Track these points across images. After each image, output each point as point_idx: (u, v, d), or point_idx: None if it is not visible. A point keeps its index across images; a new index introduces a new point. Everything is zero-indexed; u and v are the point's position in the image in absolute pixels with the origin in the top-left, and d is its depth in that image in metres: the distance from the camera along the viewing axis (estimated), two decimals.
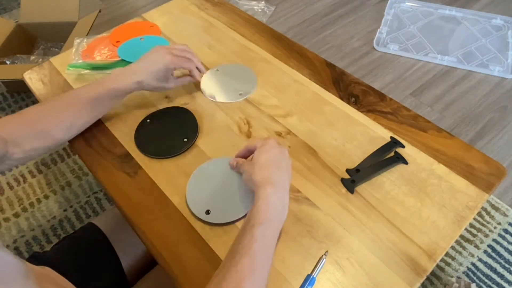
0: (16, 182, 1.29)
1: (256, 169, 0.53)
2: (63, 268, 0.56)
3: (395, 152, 0.63)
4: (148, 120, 0.70)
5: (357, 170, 0.61)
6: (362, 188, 0.59)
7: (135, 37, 0.86)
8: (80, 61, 0.80)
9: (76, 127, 0.65)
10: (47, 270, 0.55)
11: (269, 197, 0.49)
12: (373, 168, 0.61)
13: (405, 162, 0.62)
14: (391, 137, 0.65)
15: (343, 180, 0.60)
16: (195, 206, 0.57)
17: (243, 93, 0.74)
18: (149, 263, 0.72)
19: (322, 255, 0.52)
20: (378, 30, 1.79)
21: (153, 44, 0.84)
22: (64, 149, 1.38)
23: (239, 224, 0.56)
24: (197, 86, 0.76)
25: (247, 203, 0.57)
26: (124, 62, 0.81)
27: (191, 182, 0.60)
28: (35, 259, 0.64)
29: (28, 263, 0.47)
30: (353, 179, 0.60)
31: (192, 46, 0.84)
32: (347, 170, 0.61)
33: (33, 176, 1.31)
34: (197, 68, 0.73)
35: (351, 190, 0.59)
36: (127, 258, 0.69)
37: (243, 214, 0.56)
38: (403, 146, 0.64)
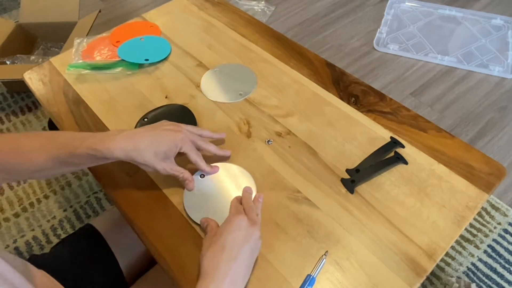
0: (16, 182, 1.29)
1: (208, 251, 0.47)
2: (61, 271, 0.56)
3: (395, 152, 0.63)
4: (145, 119, 0.70)
5: (357, 170, 0.61)
6: (362, 188, 0.59)
7: (135, 37, 0.86)
8: (80, 61, 0.80)
9: (48, 174, 0.56)
10: (43, 274, 0.55)
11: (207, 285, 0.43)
12: (373, 168, 0.61)
13: (405, 162, 0.62)
14: (391, 137, 0.65)
15: (343, 180, 0.60)
16: (194, 212, 0.57)
17: (243, 93, 0.74)
18: (147, 263, 0.72)
19: (322, 255, 0.52)
20: (378, 30, 1.79)
21: (153, 44, 0.84)
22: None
23: None
24: (197, 85, 0.76)
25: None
26: (124, 62, 0.81)
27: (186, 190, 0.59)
28: (32, 262, 0.64)
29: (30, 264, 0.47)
30: (353, 179, 0.60)
31: (192, 46, 0.85)
32: (347, 170, 0.61)
33: None
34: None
35: (351, 190, 0.59)
36: (125, 259, 0.69)
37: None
38: (403, 146, 0.64)
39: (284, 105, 0.72)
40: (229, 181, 0.60)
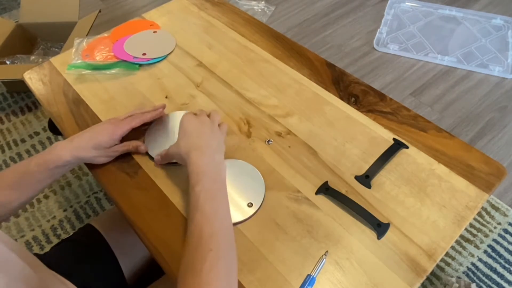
0: None
1: (180, 143, 0.56)
2: (62, 271, 0.56)
3: (394, 139, 0.65)
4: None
5: (366, 176, 0.61)
6: (362, 188, 0.59)
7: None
8: (80, 61, 0.80)
9: (9, 208, 0.57)
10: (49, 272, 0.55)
11: (197, 160, 0.53)
12: (379, 163, 0.62)
13: (406, 147, 0.64)
14: (394, 139, 0.65)
15: (357, 178, 0.60)
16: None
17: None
18: (148, 264, 0.72)
19: (322, 255, 0.52)
20: (378, 30, 1.79)
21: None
22: None
23: (240, 226, 0.56)
24: (197, 85, 0.77)
25: (247, 206, 0.57)
26: (124, 62, 0.81)
27: None
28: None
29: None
30: (367, 174, 0.60)
31: (192, 46, 0.85)
32: (356, 177, 0.61)
33: None
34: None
35: (368, 185, 0.59)
36: (126, 259, 0.69)
37: (245, 218, 0.56)
38: (407, 147, 0.64)
39: (284, 105, 0.72)
40: (233, 176, 0.60)
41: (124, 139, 0.64)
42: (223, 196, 0.53)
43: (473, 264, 1.08)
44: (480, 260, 1.08)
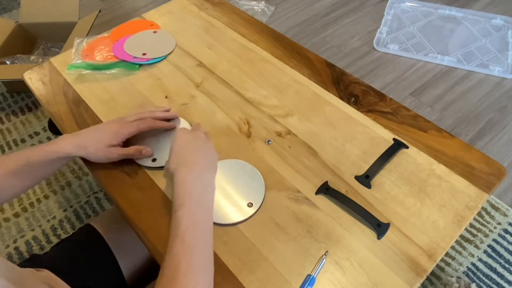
0: None
1: (170, 158, 0.55)
2: (61, 271, 0.56)
3: (394, 139, 0.65)
4: None
5: (366, 176, 0.61)
6: (362, 188, 0.59)
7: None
8: (80, 61, 0.80)
9: (8, 193, 0.58)
10: (46, 273, 0.55)
11: (184, 177, 0.51)
12: (379, 163, 0.62)
13: (406, 147, 0.64)
14: (394, 139, 0.65)
15: (357, 178, 0.60)
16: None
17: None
18: (147, 264, 0.72)
19: (322, 255, 0.52)
20: (378, 30, 1.79)
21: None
22: None
23: (240, 226, 0.56)
24: (197, 86, 0.76)
25: (247, 206, 0.57)
26: (124, 62, 0.81)
27: None
28: (33, 261, 0.64)
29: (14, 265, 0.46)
30: (367, 174, 0.60)
31: (192, 46, 0.85)
32: (356, 177, 0.61)
33: None
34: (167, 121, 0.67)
35: (368, 185, 0.59)
36: (125, 259, 0.69)
37: (245, 218, 0.56)
38: (407, 147, 0.64)
39: (284, 105, 0.72)
40: (233, 176, 0.61)
41: (126, 144, 0.63)
42: (207, 223, 0.50)
43: (473, 264, 1.08)
44: (480, 260, 1.08)
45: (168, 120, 0.68)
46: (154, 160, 0.63)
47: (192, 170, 0.52)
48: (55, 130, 0.78)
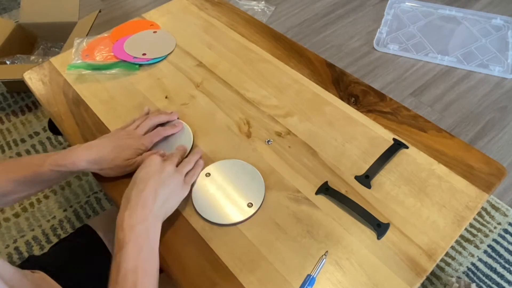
0: None
1: (128, 187, 0.52)
2: (58, 272, 0.56)
3: (394, 139, 0.65)
4: None
5: (366, 176, 0.61)
6: (362, 188, 0.59)
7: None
8: (80, 61, 0.80)
9: (14, 198, 0.58)
10: (41, 275, 0.55)
11: (124, 220, 0.48)
12: (379, 163, 0.62)
13: (406, 147, 0.64)
14: (394, 139, 0.65)
15: (356, 178, 0.60)
16: (199, 206, 0.58)
17: None
18: None
19: (322, 255, 0.52)
20: (378, 30, 1.79)
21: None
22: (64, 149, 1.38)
23: (240, 226, 0.56)
24: (197, 86, 0.77)
25: (247, 206, 0.57)
26: (124, 63, 0.81)
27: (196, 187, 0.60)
28: (30, 263, 0.63)
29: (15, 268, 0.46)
30: (367, 174, 0.60)
31: (192, 46, 0.85)
32: (356, 177, 0.61)
33: None
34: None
35: (368, 185, 0.59)
36: None
37: (245, 218, 0.56)
38: (407, 147, 0.64)
39: (284, 105, 0.72)
40: (233, 176, 0.61)
41: None
42: (149, 271, 0.47)
43: (473, 264, 1.08)
44: (480, 260, 1.08)
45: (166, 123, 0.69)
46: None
47: (136, 211, 0.49)
48: (55, 130, 0.78)
